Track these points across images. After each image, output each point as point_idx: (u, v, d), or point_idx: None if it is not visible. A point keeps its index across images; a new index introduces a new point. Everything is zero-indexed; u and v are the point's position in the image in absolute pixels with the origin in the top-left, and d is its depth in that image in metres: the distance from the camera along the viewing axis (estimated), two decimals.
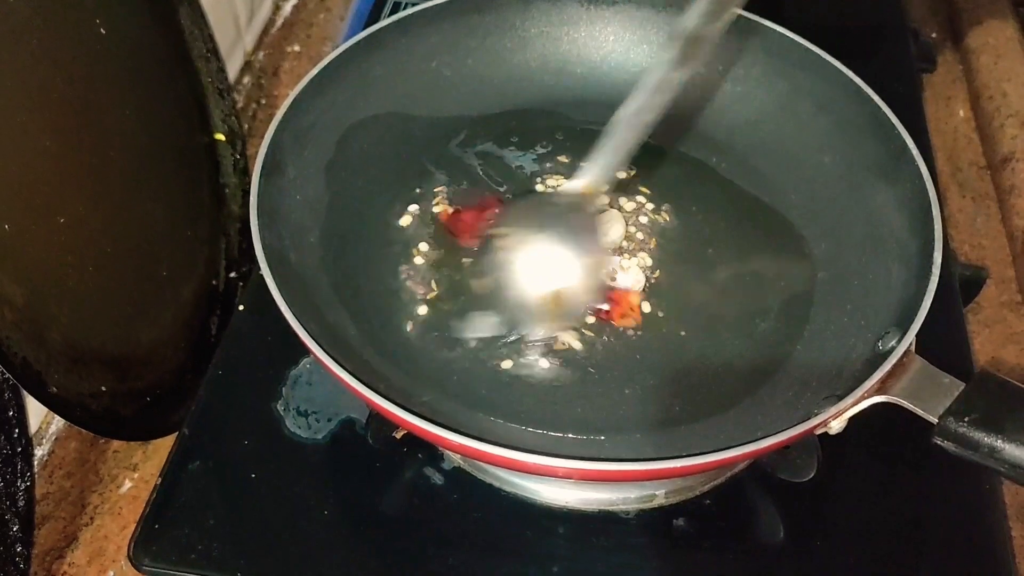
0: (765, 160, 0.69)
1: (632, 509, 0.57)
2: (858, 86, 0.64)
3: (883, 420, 0.49)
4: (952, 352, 0.64)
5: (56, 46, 0.58)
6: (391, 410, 0.47)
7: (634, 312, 0.60)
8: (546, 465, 0.46)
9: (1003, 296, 0.78)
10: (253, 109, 0.90)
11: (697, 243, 0.64)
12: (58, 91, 0.58)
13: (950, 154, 0.90)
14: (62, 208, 0.57)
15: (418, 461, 0.58)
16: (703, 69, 0.70)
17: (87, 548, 0.62)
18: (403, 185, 0.67)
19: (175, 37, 0.73)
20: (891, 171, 0.61)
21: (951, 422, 0.47)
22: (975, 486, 0.58)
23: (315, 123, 0.63)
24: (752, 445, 0.46)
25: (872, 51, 0.88)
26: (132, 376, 0.62)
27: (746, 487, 0.58)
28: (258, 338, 0.65)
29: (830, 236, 0.63)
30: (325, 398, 0.61)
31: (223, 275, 0.75)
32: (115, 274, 0.62)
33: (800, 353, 0.58)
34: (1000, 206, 0.85)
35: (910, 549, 0.56)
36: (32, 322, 0.53)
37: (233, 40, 0.88)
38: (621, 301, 0.60)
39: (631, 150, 0.57)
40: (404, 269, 0.62)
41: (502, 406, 0.56)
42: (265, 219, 0.55)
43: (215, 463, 0.59)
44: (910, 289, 0.54)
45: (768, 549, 0.56)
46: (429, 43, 0.70)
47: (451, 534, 0.56)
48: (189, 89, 0.75)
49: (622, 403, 0.56)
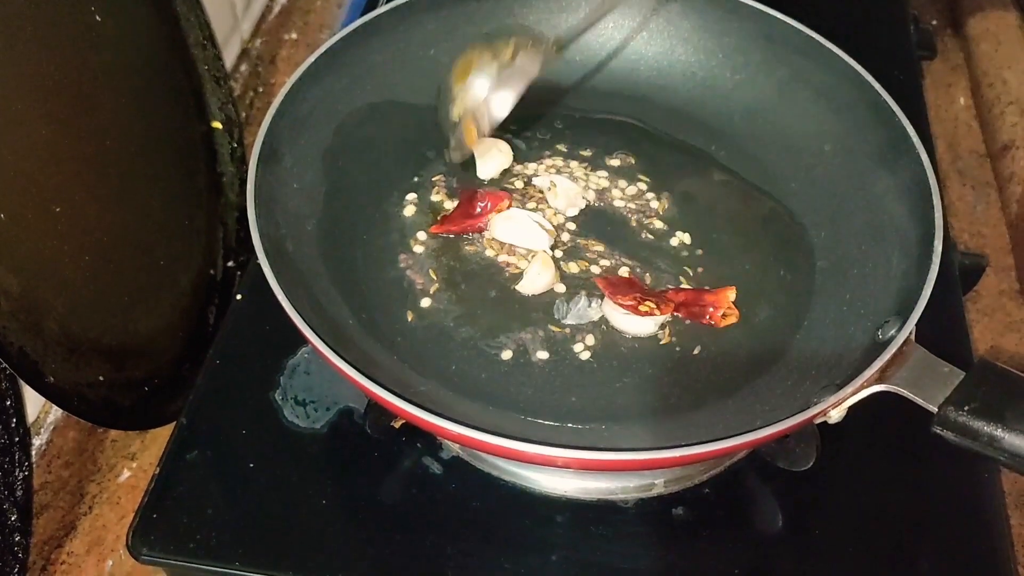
0: (765, 148, 0.68)
1: (631, 498, 0.57)
2: (858, 73, 0.64)
3: (882, 409, 0.49)
4: (951, 341, 0.64)
5: (51, 34, 0.58)
6: (389, 399, 0.47)
7: (732, 311, 0.59)
8: (545, 455, 0.46)
9: (1002, 284, 0.78)
10: (250, 97, 0.90)
11: (696, 231, 0.64)
12: (53, 79, 0.58)
13: (950, 142, 0.90)
14: (58, 197, 0.57)
15: (416, 450, 0.58)
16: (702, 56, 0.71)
17: (85, 537, 0.62)
18: (401, 173, 0.66)
19: (171, 25, 0.73)
20: (891, 159, 0.61)
21: (951, 411, 0.47)
22: (974, 475, 0.58)
23: (312, 111, 0.63)
24: (751, 434, 0.46)
25: (872, 38, 0.87)
26: (130, 366, 0.62)
27: (745, 476, 0.58)
28: (256, 327, 0.64)
29: (830, 224, 0.63)
30: (323, 387, 0.61)
31: (221, 264, 0.75)
32: (112, 263, 0.62)
33: (799, 342, 0.58)
34: (1000, 194, 0.85)
35: (909, 538, 0.56)
36: (29, 312, 0.53)
37: (230, 28, 0.88)
38: (719, 303, 0.59)
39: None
40: (403, 258, 0.62)
41: (501, 395, 0.56)
42: (262, 208, 0.55)
43: (213, 453, 0.59)
44: (910, 278, 0.54)
45: (767, 538, 0.56)
46: (427, 30, 0.69)
47: (450, 523, 0.56)
48: (186, 77, 0.74)
49: (621, 392, 0.56)
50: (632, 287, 0.59)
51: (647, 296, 0.58)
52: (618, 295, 0.58)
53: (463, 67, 0.62)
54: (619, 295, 0.58)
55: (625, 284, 0.60)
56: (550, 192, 0.65)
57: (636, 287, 0.59)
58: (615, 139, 0.70)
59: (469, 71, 0.61)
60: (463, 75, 0.61)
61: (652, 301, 0.58)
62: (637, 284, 0.60)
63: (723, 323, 0.59)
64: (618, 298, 0.58)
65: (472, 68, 0.61)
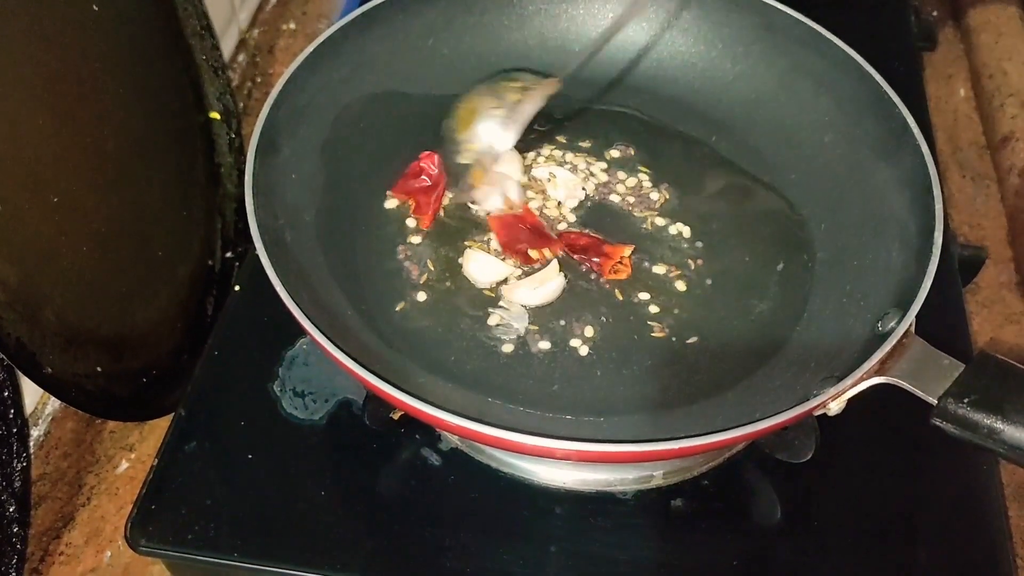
0: (764, 139, 0.68)
1: (630, 490, 0.56)
2: (859, 64, 0.64)
3: (882, 401, 0.49)
4: (951, 333, 0.64)
5: (49, 24, 0.57)
6: (388, 391, 0.47)
7: (624, 266, 0.60)
8: (544, 446, 0.46)
9: (1002, 276, 0.78)
10: (248, 87, 0.90)
11: (696, 222, 0.64)
12: (51, 69, 0.57)
13: (950, 133, 0.90)
14: (56, 187, 0.57)
15: (415, 442, 0.58)
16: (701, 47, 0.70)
17: (84, 528, 0.62)
18: (400, 164, 0.66)
19: (168, 14, 0.72)
20: (891, 150, 0.61)
21: (950, 403, 0.47)
22: (973, 467, 0.58)
23: (310, 101, 0.63)
24: (750, 426, 0.46)
25: (873, 29, 0.87)
26: (128, 357, 0.62)
27: (744, 468, 0.58)
28: (254, 318, 0.64)
29: (829, 216, 0.63)
30: (321, 379, 0.61)
31: (219, 255, 0.75)
32: (110, 254, 0.62)
33: (799, 334, 0.58)
34: (1000, 186, 0.85)
35: (908, 529, 0.56)
36: (26, 302, 0.53)
37: (228, 18, 0.88)
38: (612, 254, 0.60)
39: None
40: (401, 249, 0.62)
41: (500, 387, 0.55)
42: (260, 198, 0.55)
43: (211, 444, 0.59)
44: (910, 270, 0.54)
45: (766, 530, 0.56)
46: (426, 20, 0.69)
47: (448, 515, 0.56)
48: (183, 67, 0.74)
49: (620, 384, 0.56)
50: (521, 227, 0.61)
51: (536, 241, 0.60)
52: (510, 243, 0.60)
53: (466, 115, 0.61)
54: (510, 242, 0.60)
55: (515, 222, 0.61)
56: (550, 183, 0.65)
57: (526, 228, 0.61)
58: (614, 130, 0.70)
59: (473, 119, 0.61)
60: (467, 124, 0.61)
61: (538, 248, 0.60)
62: (527, 223, 0.61)
63: (609, 274, 0.60)
64: (508, 249, 0.60)
65: (477, 116, 0.61)
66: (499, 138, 0.61)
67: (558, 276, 0.60)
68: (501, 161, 0.63)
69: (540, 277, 0.59)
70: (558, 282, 0.59)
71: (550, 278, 0.59)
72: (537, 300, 0.59)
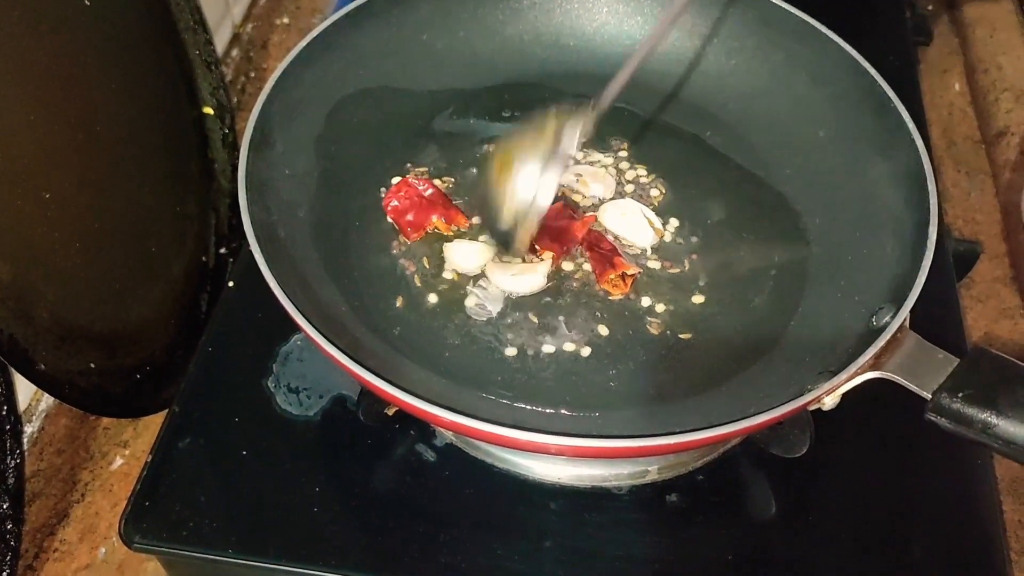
0: (759, 134, 0.68)
1: (625, 485, 0.56)
2: (854, 59, 0.64)
3: (876, 396, 0.49)
4: (946, 327, 0.64)
5: (39, 18, 0.57)
6: (382, 387, 0.47)
7: (624, 283, 0.60)
8: (539, 442, 0.46)
9: (996, 271, 0.78)
10: (242, 82, 0.89)
11: (690, 217, 0.64)
12: (42, 64, 0.57)
13: (945, 128, 0.90)
14: (48, 184, 0.56)
15: (410, 438, 0.58)
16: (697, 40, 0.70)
17: (78, 525, 0.62)
18: (394, 159, 0.66)
19: (161, 8, 0.72)
20: (886, 145, 0.61)
21: (945, 398, 0.47)
22: (967, 461, 0.58)
23: (304, 96, 0.63)
24: (745, 421, 0.46)
25: (868, 23, 0.87)
26: (121, 353, 0.62)
27: (739, 463, 0.58)
28: (248, 314, 0.64)
29: (824, 211, 0.63)
30: (316, 375, 0.61)
31: (213, 251, 0.75)
32: (103, 250, 0.61)
33: (794, 329, 0.58)
34: (994, 180, 0.85)
35: (902, 523, 0.56)
36: (19, 299, 0.53)
37: (221, 12, 0.87)
38: (618, 266, 0.60)
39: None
40: (395, 245, 0.62)
41: (494, 382, 0.55)
42: (254, 194, 0.55)
43: (206, 440, 0.58)
44: (904, 264, 0.54)
45: (761, 524, 0.56)
46: (420, 15, 0.69)
47: (443, 511, 0.55)
48: (176, 62, 0.74)
49: (615, 379, 0.56)
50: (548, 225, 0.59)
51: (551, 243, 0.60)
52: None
53: (502, 164, 0.55)
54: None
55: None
56: (579, 183, 0.65)
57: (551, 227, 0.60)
58: (608, 125, 0.69)
59: (510, 168, 0.55)
60: (505, 175, 0.55)
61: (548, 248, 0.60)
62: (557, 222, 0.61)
63: (604, 284, 0.60)
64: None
65: (513, 164, 0.55)
66: (542, 188, 0.55)
67: (543, 274, 0.59)
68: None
69: (524, 267, 0.59)
70: (540, 279, 0.59)
71: (533, 271, 0.59)
72: (515, 287, 0.59)
